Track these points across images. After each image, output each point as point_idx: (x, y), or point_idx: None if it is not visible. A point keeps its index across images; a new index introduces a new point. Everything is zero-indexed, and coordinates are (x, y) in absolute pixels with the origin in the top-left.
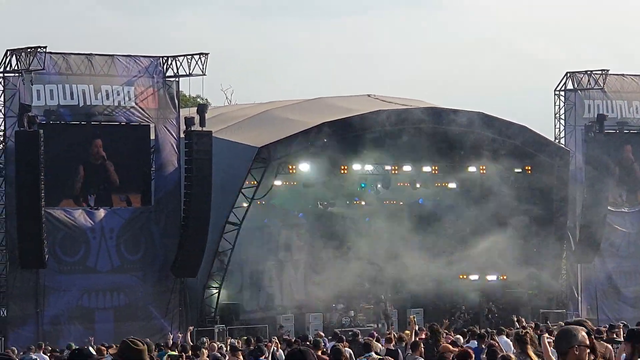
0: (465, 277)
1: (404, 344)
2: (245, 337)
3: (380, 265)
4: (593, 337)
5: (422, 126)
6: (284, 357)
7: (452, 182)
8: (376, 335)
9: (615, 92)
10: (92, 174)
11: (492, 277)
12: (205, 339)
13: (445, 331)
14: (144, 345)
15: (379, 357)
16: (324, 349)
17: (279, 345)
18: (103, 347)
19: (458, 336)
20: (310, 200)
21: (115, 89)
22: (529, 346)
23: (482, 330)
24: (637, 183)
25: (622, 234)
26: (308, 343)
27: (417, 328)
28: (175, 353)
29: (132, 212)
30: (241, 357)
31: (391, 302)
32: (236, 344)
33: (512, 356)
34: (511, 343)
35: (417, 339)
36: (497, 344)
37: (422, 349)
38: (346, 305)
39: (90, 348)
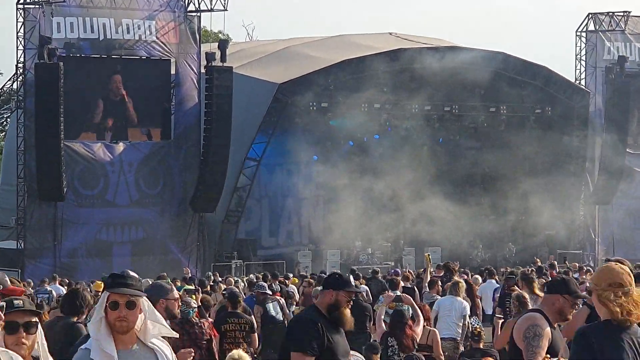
0: (485, 217)
1: (421, 282)
2: (263, 273)
3: (400, 204)
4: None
5: (441, 66)
6: (296, 293)
7: (472, 122)
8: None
9: (636, 35)
10: (111, 109)
11: (510, 218)
12: (209, 273)
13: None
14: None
15: (394, 295)
16: None
17: (296, 281)
18: None
19: (476, 276)
20: (329, 137)
21: (136, 23)
22: (534, 284)
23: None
24: None
25: (638, 175)
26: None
27: (432, 266)
28: (192, 287)
29: (152, 147)
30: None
31: (409, 240)
32: (255, 279)
33: (526, 294)
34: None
35: (433, 277)
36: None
37: (439, 286)
38: (364, 243)
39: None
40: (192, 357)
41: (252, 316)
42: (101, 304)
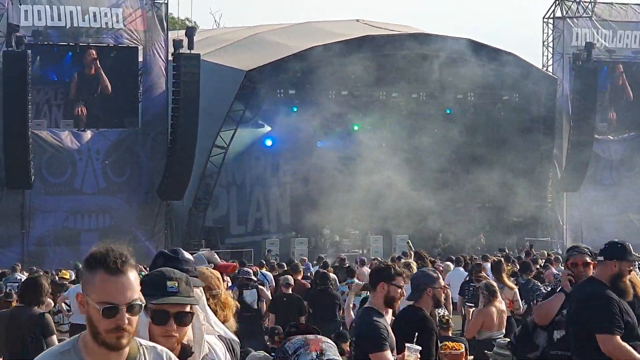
0: (452, 204)
1: None
2: (232, 261)
3: (369, 192)
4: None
5: (408, 52)
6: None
7: (439, 109)
8: (365, 260)
9: (603, 21)
10: (85, 83)
11: (477, 205)
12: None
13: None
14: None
15: (363, 283)
16: (308, 274)
17: (265, 268)
18: None
19: (447, 262)
20: (298, 125)
21: (103, 11)
22: (503, 274)
23: (468, 258)
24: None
25: (606, 162)
26: (288, 267)
27: (413, 251)
28: None
29: (119, 134)
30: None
31: (377, 229)
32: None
33: (494, 283)
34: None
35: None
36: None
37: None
38: (332, 231)
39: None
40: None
41: None
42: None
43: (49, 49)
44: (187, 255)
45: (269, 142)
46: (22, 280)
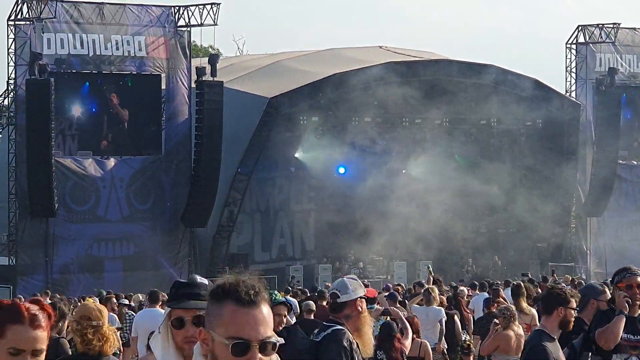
0: (476, 230)
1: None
2: None
3: (392, 217)
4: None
5: (432, 78)
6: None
7: (463, 135)
8: (390, 287)
9: (626, 46)
10: (110, 124)
11: (502, 230)
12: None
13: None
14: None
15: (383, 308)
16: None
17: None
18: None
19: (462, 288)
20: (321, 151)
21: (125, 39)
22: (521, 299)
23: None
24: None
25: (630, 187)
26: (315, 294)
27: (433, 278)
28: None
29: (142, 162)
30: None
31: (400, 254)
32: None
33: (513, 307)
34: None
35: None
36: (502, 296)
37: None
38: (355, 257)
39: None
40: None
41: None
42: (165, 323)
43: (71, 78)
44: (201, 279)
45: (292, 169)
46: None
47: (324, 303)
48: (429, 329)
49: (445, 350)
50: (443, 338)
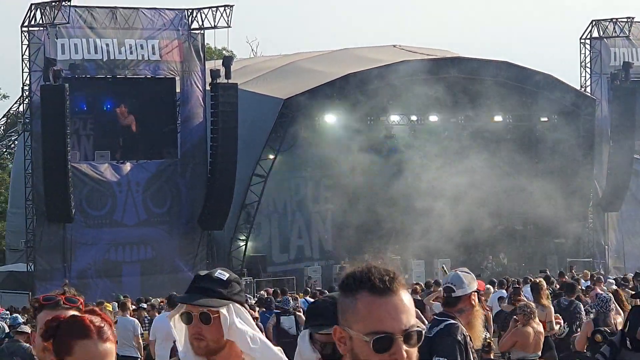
0: (493, 226)
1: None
2: (273, 289)
3: (408, 216)
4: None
5: (447, 76)
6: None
7: (478, 132)
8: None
9: None
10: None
11: (519, 227)
12: None
13: None
14: None
15: None
16: None
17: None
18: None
19: (488, 286)
20: (336, 151)
21: (139, 43)
22: (542, 293)
23: (511, 280)
24: None
25: None
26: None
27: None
28: None
29: (158, 165)
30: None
31: (418, 253)
32: (265, 295)
33: (533, 304)
34: None
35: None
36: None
37: None
38: (373, 256)
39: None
40: None
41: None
42: (174, 314)
43: (86, 83)
44: (219, 274)
45: (308, 169)
46: None
47: None
48: None
49: None
50: None
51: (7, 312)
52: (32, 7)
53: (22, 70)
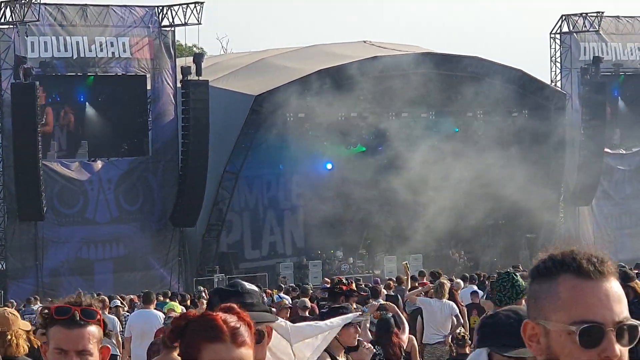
0: (464, 222)
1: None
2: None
3: (379, 213)
4: None
5: (417, 72)
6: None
7: (449, 128)
8: (378, 281)
9: (610, 35)
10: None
11: (490, 222)
12: (201, 288)
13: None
14: None
15: (379, 303)
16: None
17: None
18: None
19: (459, 280)
20: (309, 147)
21: (109, 40)
22: None
23: (483, 274)
24: (631, 124)
25: (619, 174)
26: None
27: (410, 274)
28: (176, 303)
29: (130, 163)
30: None
31: (389, 249)
32: None
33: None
34: None
35: (418, 284)
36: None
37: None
38: (345, 253)
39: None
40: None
41: None
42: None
43: (56, 81)
44: (249, 286)
45: (280, 166)
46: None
47: (308, 299)
48: (442, 322)
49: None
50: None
51: None
52: (2, 5)
53: None
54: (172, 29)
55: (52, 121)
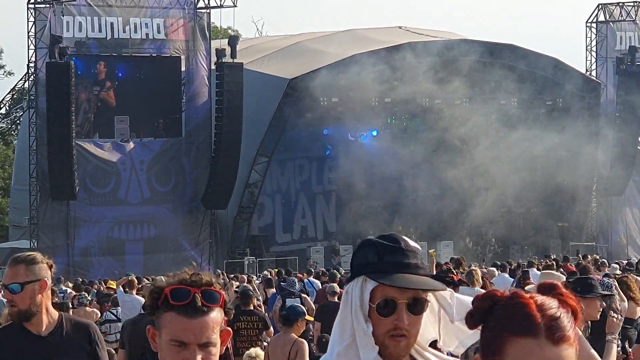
0: (497, 210)
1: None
2: (277, 269)
3: (413, 198)
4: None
5: (452, 58)
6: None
7: (483, 115)
8: None
9: None
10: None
11: (521, 210)
12: (218, 272)
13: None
14: None
15: None
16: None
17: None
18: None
19: (492, 268)
20: (342, 131)
21: (144, 22)
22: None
23: (515, 264)
24: None
25: None
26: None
27: (435, 263)
28: None
29: (162, 144)
30: (274, 289)
31: (422, 234)
32: (269, 275)
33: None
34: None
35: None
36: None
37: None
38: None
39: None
40: None
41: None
42: (362, 301)
43: (90, 60)
44: (413, 243)
45: (313, 150)
46: (68, 292)
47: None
48: None
49: None
50: None
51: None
52: None
53: (28, 47)
54: (208, 10)
55: (85, 100)
